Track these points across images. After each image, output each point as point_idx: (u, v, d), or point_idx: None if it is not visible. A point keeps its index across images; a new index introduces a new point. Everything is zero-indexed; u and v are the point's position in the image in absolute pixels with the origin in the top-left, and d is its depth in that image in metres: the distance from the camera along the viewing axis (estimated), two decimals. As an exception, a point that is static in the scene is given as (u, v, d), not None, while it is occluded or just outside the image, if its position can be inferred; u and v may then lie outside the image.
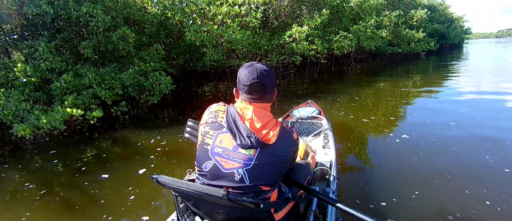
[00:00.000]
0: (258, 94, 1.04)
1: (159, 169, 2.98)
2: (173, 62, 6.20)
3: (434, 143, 3.26)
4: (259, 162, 0.96)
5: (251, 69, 1.03)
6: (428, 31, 20.33)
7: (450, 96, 5.86)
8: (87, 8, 4.34)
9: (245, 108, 1.03)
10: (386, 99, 5.97)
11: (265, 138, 0.97)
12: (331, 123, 2.88)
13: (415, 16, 18.18)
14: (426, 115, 4.46)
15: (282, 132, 1.02)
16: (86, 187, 2.63)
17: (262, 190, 0.98)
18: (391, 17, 12.57)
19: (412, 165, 2.71)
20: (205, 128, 1.06)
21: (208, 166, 0.99)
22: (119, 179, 2.77)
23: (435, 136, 3.45)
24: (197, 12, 5.64)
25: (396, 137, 3.54)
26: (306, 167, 1.42)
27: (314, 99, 5.94)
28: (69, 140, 4.29)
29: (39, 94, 4.27)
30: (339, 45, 7.80)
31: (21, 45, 4.40)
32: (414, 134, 3.60)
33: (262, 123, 0.99)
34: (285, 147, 1.03)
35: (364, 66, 14.17)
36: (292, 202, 1.17)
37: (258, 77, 1.02)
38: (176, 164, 3.14)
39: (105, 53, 5.09)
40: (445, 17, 27.13)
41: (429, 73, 10.44)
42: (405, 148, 3.15)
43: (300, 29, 6.45)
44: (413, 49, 17.56)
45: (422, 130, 3.76)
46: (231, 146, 0.98)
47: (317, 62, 10.49)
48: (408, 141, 3.36)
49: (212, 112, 1.08)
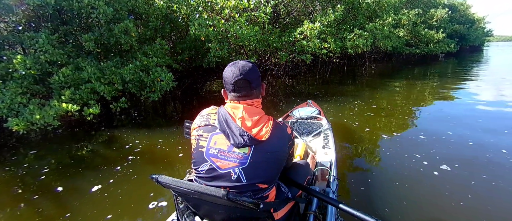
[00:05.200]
0: (244, 91, 1.03)
1: (157, 171, 2.77)
2: (178, 57, 5.99)
3: (440, 148, 3.06)
4: (254, 159, 0.96)
5: (234, 67, 1.02)
6: (448, 32, 19.34)
7: (467, 104, 5.33)
8: (89, 0, 4.17)
9: (235, 107, 1.03)
10: (399, 102, 5.57)
11: (257, 135, 0.96)
12: (331, 123, 2.81)
13: (435, 16, 17.29)
14: (437, 122, 4.16)
15: (275, 128, 1.02)
16: (70, 192, 2.43)
17: (260, 188, 0.99)
18: (409, 16, 11.92)
19: (414, 169, 2.63)
20: (198, 131, 1.05)
21: (205, 168, 0.99)
22: (119, 180, 2.57)
23: (442, 142, 3.24)
24: (203, 6, 5.38)
25: (400, 139, 3.38)
26: (306, 167, 1.42)
27: (324, 102, 5.61)
28: (63, 135, 4.17)
29: (39, 87, 4.14)
30: (353, 44, 7.36)
31: (23, 37, 4.29)
32: (421, 138, 3.38)
33: (254, 121, 0.99)
34: (279, 142, 1.02)
35: (379, 67, 13.54)
36: (292, 202, 1.18)
37: (241, 74, 1.01)
38: (175, 165, 2.95)
39: (108, 47, 4.93)
40: (466, 18, 25.77)
41: (448, 76, 9.79)
42: (408, 151, 3.01)
43: (312, 26, 6.08)
44: (432, 50, 16.70)
45: (431, 135, 3.48)
46: (225, 147, 0.98)
47: (329, 61, 10.04)
48: (413, 144, 3.20)
49: (204, 115, 1.08)
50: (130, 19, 4.80)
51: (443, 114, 4.66)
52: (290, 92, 7.10)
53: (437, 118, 4.43)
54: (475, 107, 4.97)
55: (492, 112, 4.68)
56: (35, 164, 3.10)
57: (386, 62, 17.09)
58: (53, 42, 4.09)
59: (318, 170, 1.70)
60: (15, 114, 3.49)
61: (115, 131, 4.21)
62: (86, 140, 3.86)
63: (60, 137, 4.13)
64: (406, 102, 5.61)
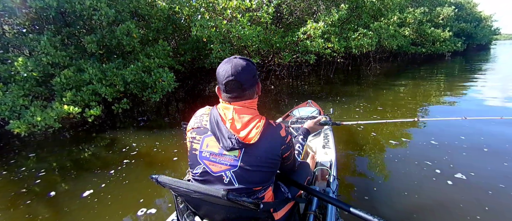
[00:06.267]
0: (235, 92, 0.98)
1: (148, 175, 2.72)
2: (180, 58, 5.96)
3: (453, 155, 2.89)
4: (244, 163, 0.93)
5: (227, 66, 0.96)
6: (454, 30, 19.00)
7: (478, 106, 5.09)
8: (91, 1, 4.16)
9: (226, 108, 0.99)
10: (406, 103, 5.41)
11: (245, 138, 0.92)
12: None
13: (442, 14, 17.00)
14: (447, 125, 3.91)
15: (266, 130, 0.96)
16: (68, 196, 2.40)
17: (253, 190, 0.97)
18: (415, 14, 11.72)
19: (426, 177, 2.48)
20: (192, 134, 1.04)
21: (199, 171, 0.99)
22: (111, 185, 2.52)
23: (455, 149, 3.06)
24: (205, 6, 5.34)
25: (408, 145, 3.22)
26: (306, 167, 1.40)
27: (328, 103, 5.51)
28: (66, 137, 4.16)
29: (41, 89, 4.14)
30: (358, 43, 7.24)
31: (26, 39, 4.30)
32: (432, 144, 3.20)
33: (243, 123, 0.95)
34: (270, 145, 0.97)
35: (384, 67, 13.34)
36: (291, 202, 1.17)
37: (233, 74, 0.94)
38: (167, 169, 2.90)
39: (111, 48, 4.92)
40: (473, 16, 25.35)
41: (456, 76, 9.56)
42: (418, 158, 2.83)
43: (315, 26, 5.99)
44: (438, 49, 16.39)
45: (442, 141, 3.29)
46: (217, 149, 0.96)
47: (333, 61, 9.92)
48: (423, 150, 3.03)
49: (198, 116, 1.06)
50: (132, 20, 4.77)
51: (454, 117, 4.45)
52: (293, 93, 7.00)
53: (448, 121, 4.18)
54: (486, 110, 4.76)
55: (505, 114, 4.47)
56: (33, 167, 3.07)
57: (391, 61, 16.83)
58: (55, 44, 4.08)
59: (318, 170, 1.71)
60: (17, 116, 3.49)
61: (116, 133, 4.18)
62: (86, 142, 3.83)
63: (62, 139, 4.12)
64: (413, 103, 5.42)
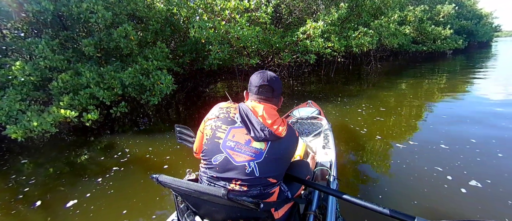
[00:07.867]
0: (266, 95, 1.14)
1: (134, 185, 2.67)
2: (179, 60, 5.91)
3: (466, 160, 2.77)
4: (269, 155, 1.02)
5: (263, 74, 1.15)
6: (455, 28, 18.88)
7: (485, 105, 4.95)
8: (88, 4, 4.12)
9: (256, 106, 1.11)
10: (410, 103, 5.32)
11: (277, 131, 1.04)
12: (337, 127, 2.72)
13: (442, 12, 16.90)
14: (456, 126, 3.80)
15: (289, 129, 1.10)
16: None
17: (270, 182, 1.04)
18: (415, 12, 11.65)
19: (437, 185, 2.38)
20: (216, 122, 1.09)
21: (219, 159, 1.03)
22: (95, 195, 2.48)
23: (467, 153, 2.93)
24: (203, 7, 5.30)
25: (417, 149, 3.11)
26: (306, 166, 1.45)
27: (329, 103, 5.44)
28: (63, 142, 4.10)
29: (39, 93, 4.10)
30: (358, 42, 7.18)
31: (24, 43, 4.26)
32: (442, 148, 3.08)
33: (272, 120, 1.08)
34: (291, 143, 1.11)
35: (385, 65, 13.25)
36: (291, 202, 1.21)
37: (268, 81, 1.13)
38: (173, 167, 2.85)
39: (109, 51, 4.88)
40: (473, 13, 25.25)
41: (458, 74, 9.46)
42: (427, 163, 2.73)
43: (315, 25, 5.94)
44: (439, 47, 16.30)
45: (453, 144, 3.16)
46: (243, 140, 1.04)
47: (333, 60, 9.86)
48: (433, 155, 2.92)
49: (223, 108, 1.14)
50: (130, 22, 4.73)
51: (462, 117, 4.24)
52: (293, 93, 6.93)
53: (456, 122, 4.01)
54: (494, 109, 4.59)
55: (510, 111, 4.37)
56: (23, 175, 2.99)
57: (392, 60, 16.74)
58: (53, 47, 4.04)
59: (318, 170, 1.73)
60: (14, 121, 3.45)
61: (113, 137, 4.12)
62: (83, 147, 3.76)
63: (59, 144, 4.07)
64: (417, 103, 5.28)
